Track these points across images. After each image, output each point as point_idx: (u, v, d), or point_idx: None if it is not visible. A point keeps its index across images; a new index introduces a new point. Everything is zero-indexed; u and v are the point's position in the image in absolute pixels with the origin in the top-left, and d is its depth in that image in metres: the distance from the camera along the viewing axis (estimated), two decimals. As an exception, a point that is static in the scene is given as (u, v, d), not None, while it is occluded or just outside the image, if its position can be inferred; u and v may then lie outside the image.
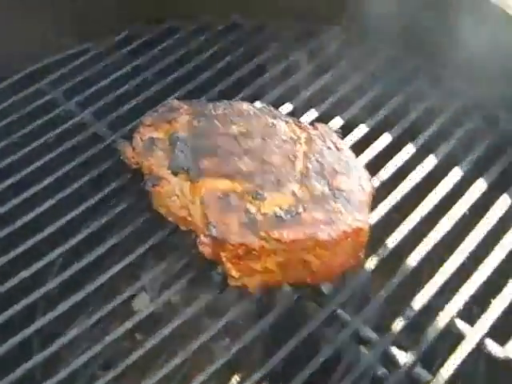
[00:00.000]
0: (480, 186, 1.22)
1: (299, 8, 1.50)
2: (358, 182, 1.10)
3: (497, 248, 1.13)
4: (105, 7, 1.51)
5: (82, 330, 1.03)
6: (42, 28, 1.45)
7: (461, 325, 1.05)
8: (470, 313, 1.09)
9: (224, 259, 1.03)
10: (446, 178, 1.23)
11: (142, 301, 1.38)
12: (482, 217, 1.18)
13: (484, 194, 1.22)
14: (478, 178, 1.24)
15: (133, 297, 1.12)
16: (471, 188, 1.22)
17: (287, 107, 1.34)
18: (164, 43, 1.51)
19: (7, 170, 1.25)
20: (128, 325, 1.04)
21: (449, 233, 1.15)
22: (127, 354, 1.01)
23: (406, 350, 1.02)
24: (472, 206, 1.20)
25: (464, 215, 1.18)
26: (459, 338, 1.04)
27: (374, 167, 1.21)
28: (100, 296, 1.17)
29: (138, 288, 1.10)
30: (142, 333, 1.31)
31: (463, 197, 1.20)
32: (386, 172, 1.23)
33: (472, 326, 1.05)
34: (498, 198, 1.21)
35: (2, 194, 1.21)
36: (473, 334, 1.03)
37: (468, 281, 1.09)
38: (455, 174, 1.24)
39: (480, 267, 1.11)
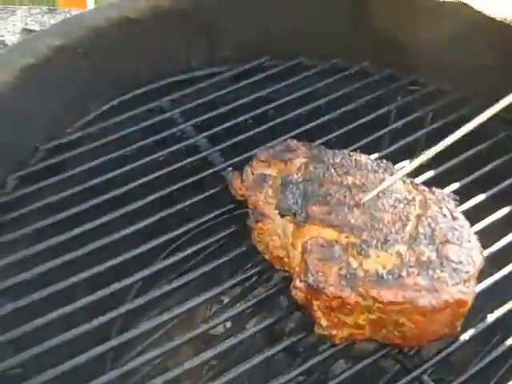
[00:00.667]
0: None
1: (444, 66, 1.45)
2: (468, 253, 1.04)
3: None
4: (241, 38, 1.52)
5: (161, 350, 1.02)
6: (175, 47, 1.47)
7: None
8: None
9: (315, 307, 1.00)
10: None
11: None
12: None
13: None
14: None
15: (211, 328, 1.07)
16: None
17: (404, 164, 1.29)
18: (292, 79, 1.50)
19: (112, 183, 1.25)
20: (206, 355, 1.01)
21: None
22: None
23: None
24: None
25: None
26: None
27: (487, 239, 1.15)
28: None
29: (223, 319, 1.07)
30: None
31: None
32: (497, 245, 1.18)
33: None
34: None
35: (103, 207, 1.21)
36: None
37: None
38: None
39: None
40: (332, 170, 1.16)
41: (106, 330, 1.11)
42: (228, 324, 1.36)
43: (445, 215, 1.10)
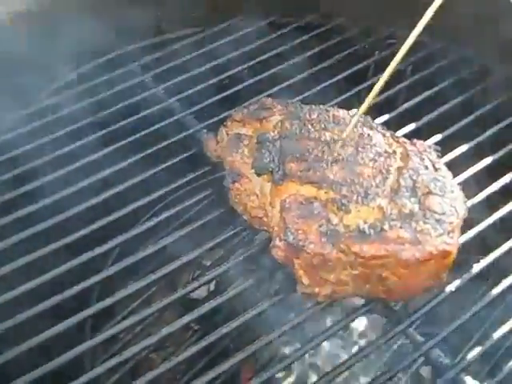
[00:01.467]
0: None
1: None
2: (451, 203, 1.01)
3: None
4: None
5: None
6: (145, 10, 1.41)
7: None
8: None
9: (296, 266, 0.97)
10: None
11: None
12: None
13: None
14: None
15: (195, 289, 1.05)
16: None
17: (383, 119, 1.27)
18: (267, 37, 1.46)
19: (85, 150, 1.21)
20: (187, 318, 0.99)
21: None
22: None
23: (479, 380, 0.96)
24: None
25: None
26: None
27: (471, 189, 1.13)
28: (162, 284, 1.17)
29: (203, 281, 1.04)
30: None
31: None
32: (482, 195, 1.15)
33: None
34: None
35: (74, 175, 1.18)
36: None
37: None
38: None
39: None
40: (309, 126, 1.12)
41: (85, 298, 1.08)
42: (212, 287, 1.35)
43: (426, 166, 1.07)
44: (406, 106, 1.31)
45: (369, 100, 1.01)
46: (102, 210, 1.12)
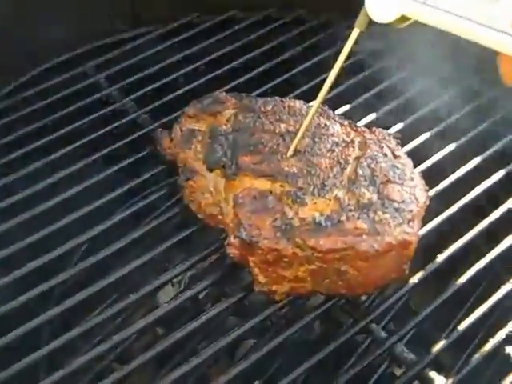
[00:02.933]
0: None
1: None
2: (411, 191, 0.97)
3: None
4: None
5: (100, 320, 0.95)
6: (96, 9, 1.39)
7: (512, 352, 0.94)
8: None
9: (252, 264, 0.93)
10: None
11: (168, 294, 1.29)
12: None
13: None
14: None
15: (159, 289, 1.03)
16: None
17: (344, 109, 1.23)
18: (222, 33, 1.42)
19: (39, 151, 1.18)
20: (151, 317, 0.95)
21: (507, 252, 1.04)
22: (146, 347, 0.93)
23: (445, 374, 0.91)
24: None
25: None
26: (508, 367, 0.94)
27: (433, 178, 1.10)
28: (126, 286, 1.11)
29: (165, 280, 1.01)
30: (165, 328, 1.24)
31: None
32: (445, 183, 1.12)
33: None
34: None
35: (32, 176, 1.14)
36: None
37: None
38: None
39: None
40: (263, 119, 1.08)
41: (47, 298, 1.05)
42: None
43: (385, 154, 1.03)
44: (366, 95, 1.28)
45: (320, 98, 0.98)
46: (54, 214, 1.08)
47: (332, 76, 0.96)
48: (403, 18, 0.84)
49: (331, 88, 0.98)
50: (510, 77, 0.77)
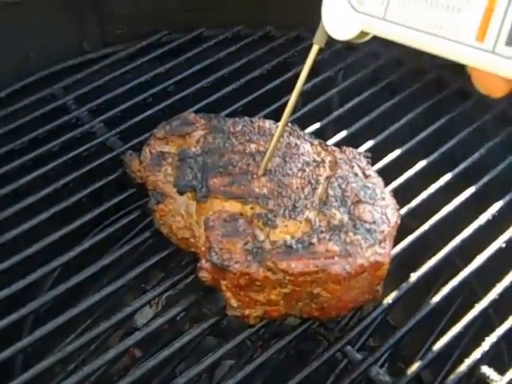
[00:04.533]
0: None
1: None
2: (382, 211, 0.97)
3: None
4: (133, 11, 1.42)
5: (75, 347, 0.93)
6: (63, 30, 1.37)
7: (488, 372, 0.94)
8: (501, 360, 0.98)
9: (224, 287, 0.92)
10: (485, 213, 1.11)
11: (145, 316, 1.30)
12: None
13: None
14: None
15: (135, 312, 1.01)
16: (509, 223, 1.11)
17: (315, 127, 1.23)
18: (191, 52, 1.42)
19: (7, 177, 1.16)
20: (126, 343, 0.94)
21: (482, 268, 1.04)
22: (124, 371, 0.95)
23: None
24: (510, 241, 1.08)
25: (500, 250, 1.07)
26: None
27: (405, 196, 1.09)
28: (100, 311, 1.15)
29: (140, 304, 0.99)
30: (142, 350, 1.24)
31: (500, 232, 1.09)
32: (417, 201, 1.12)
33: (502, 374, 0.93)
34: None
35: (1, 201, 1.12)
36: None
37: (502, 322, 0.98)
38: (494, 209, 1.12)
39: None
40: (233, 139, 1.08)
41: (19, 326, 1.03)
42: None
43: (356, 174, 1.03)
44: (336, 113, 1.27)
45: (284, 118, 0.97)
46: (23, 241, 1.06)
47: (295, 94, 0.96)
48: (362, 34, 0.82)
49: (297, 107, 0.97)
50: (484, 85, 0.76)
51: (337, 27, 0.83)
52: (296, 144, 1.08)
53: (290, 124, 1.12)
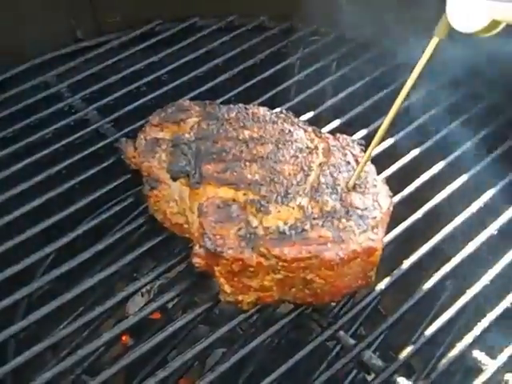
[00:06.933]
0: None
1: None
2: (374, 198, 0.97)
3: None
4: (127, 0, 1.43)
5: (67, 332, 0.94)
6: (57, 18, 1.37)
7: (479, 356, 0.95)
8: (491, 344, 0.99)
9: (217, 273, 0.93)
10: (476, 201, 1.12)
11: (137, 304, 1.30)
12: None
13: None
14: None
15: (127, 299, 1.02)
16: (501, 211, 1.11)
17: (309, 115, 1.23)
18: (185, 41, 1.42)
19: (2, 163, 1.16)
20: (119, 329, 0.94)
21: (473, 255, 1.05)
22: (115, 359, 0.93)
23: (413, 380, 0.92)
24: (501, 229, 1.09)
25: (492, 237, 1.08)
26: (476, 371, 0.94)
27: (398, 183, 1.10)
28: (93, 297, 1.14)
29: (133, 291, 1.00)
30: (135, 338, 1.25)
31: (492, 219, 1.10)
32: (410, 189, 1.12)
33: (493, 358, 0.94)
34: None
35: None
36: (493, 368, 0.93)
37: (493, 308, 0.99)
38: (486, 197, 1.13)
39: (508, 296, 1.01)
40: (227, 126, 1.08)
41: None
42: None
43: (349, 162, 1.03)
44: (330, 102, 1.28)
45: (373, 146, 0.96)
46: (18, 226, 1.06)
47: (408, 85, 0.90)
48: (491, 25, 0.76)
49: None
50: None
51: (463, 18, 0.77)
52: (289, 130, 1.08)
53: (284, 111, 1.12)
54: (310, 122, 1.17)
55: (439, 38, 0.83)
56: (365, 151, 1.07)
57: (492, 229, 1.08)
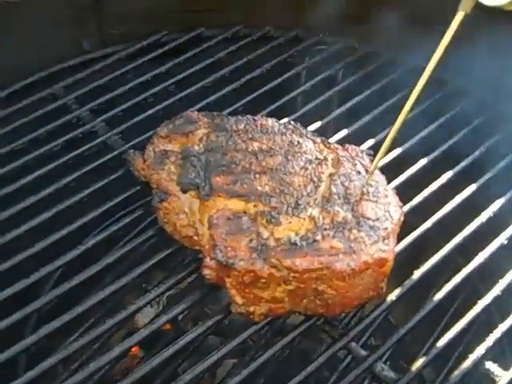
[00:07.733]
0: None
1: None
2: (385, 209, 0.97)
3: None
4: (133, 11, 1.43)
5: (78, 346, 0.93)
6: (63, 30, 1.38)
7: (492, 367, 0.95)
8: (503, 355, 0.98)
9: (228, 285, 0.92)
10: (486, 210, 1.12)
11: (146, 315, 1.29)
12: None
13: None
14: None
15: (140, 310, 1.00)
16: (511, 221, 1.11)
17: (316, 125, 1.24)
18: (191, 52, 1.42)
19: (10, 176, 1.16)
20: (129, 342, 0.93)
21: (483, 265, 1.05)
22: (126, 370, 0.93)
23: None
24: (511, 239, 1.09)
25: (502, 247, 1.08)
26: (489, 382, 0.94)
27: (407, 193, 1.10)
28: (103, 310, 1.15)
29: (143, 303, 0.99)
30: (145, 350, 1.24)
31: (502, 229, 1.10)
32: (419, 199, 1.12)
33: (506, 369, 0.94)
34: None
35: (3, 201, 1.12)
36: (506, 379, 0.93)
37: (505, 319, 0.99)
38: (495, 206, 1.13)
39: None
40: (236, 138, 1.08)
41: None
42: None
43: (359, 172, 1.03)
44: (338, 111, 1.28)
45: (380, 156, 0.97)
46: (26, 240, 1.06)
47: (431, 66, 0.89)
48: None
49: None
50: None
51: None
52: (298, 142, 1.08)
53: (292, 122, 1.13)
54: (317, 131, 1.17)
55: (464, 13, 0.80)
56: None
57: (502, 238, 1.08)
